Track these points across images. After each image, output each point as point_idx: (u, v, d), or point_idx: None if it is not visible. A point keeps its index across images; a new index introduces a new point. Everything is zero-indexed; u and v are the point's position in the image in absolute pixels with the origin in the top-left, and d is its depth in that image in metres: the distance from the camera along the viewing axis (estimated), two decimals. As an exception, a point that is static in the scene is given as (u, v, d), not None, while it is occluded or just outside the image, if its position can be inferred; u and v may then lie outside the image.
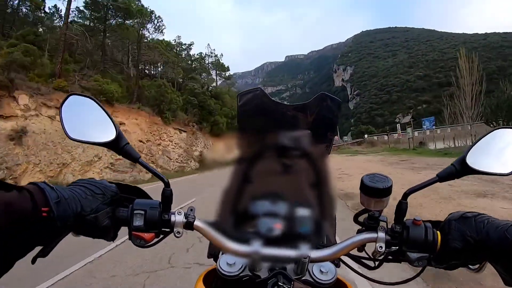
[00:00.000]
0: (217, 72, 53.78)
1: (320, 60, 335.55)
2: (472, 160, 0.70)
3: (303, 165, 0.85)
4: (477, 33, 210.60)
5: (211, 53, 54.50)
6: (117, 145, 0.72)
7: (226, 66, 54.47)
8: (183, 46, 50.88)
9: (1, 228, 0.49)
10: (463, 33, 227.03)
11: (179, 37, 50.10)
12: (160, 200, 0.72)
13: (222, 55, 55.70)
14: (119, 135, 0.73)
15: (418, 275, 0.76)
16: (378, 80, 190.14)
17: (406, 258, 0.71)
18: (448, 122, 37.57)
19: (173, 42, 48.12)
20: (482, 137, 0.73)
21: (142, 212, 0.69)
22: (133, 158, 0.74)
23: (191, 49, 52.17)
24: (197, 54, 53.84)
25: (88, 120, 0.74)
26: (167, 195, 0.71)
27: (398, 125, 39.53)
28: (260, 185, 0.85)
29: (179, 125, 30.76)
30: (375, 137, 64.24)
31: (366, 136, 64.10)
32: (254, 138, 0.88)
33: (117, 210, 0.69)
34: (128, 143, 0.74)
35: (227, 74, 55.31)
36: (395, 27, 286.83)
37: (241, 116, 0.89)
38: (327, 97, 0.85)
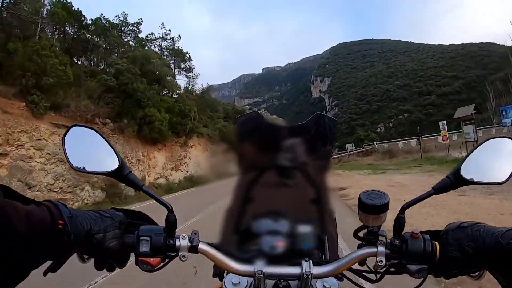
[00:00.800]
0: (175, 61, 37.95)
1: (297, 72, 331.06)
2: (466, 171, 0.70)
3: (303, 183, 0.87)
4: (453, 44, 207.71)
5: (166, 35, 39.30)
6: (121, 174, 0.73)
7: (186, 54, 39.17)
8: (129, 26, 34.96)
9: (22, 236, 0.50)
10: (439, 44, 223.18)
11: (125, 14, 34.91)
12: (164, 226, 0.73)
13: (180, 37, 41.01)
14: (122, 164, 0.73)
15: (418, 286, 0.76)
16: (357, 90, 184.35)
17: (406, 270, 0.71)
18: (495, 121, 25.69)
19: (116, 21, 33.76)
20: (475, 148, 0.73)
21: (148, 238, 0.70)
22: (137, 186, 0.74)
23: (140, 30, 36.82)
24: (147, 36, 38.60)
25: (90, 150, 0.75)
26: (171, 221, 0.72)
27: (443, 123, 26.30)
28: (262, 204, 0.87)
29: (70, 119, 15.88)
30: (385, 145, 50.85)
31: (375, 143, 49.59)
32: (254, 159, 0.90)
33: (124, 236, 0.71)
34: (131, 171, 0.75)
35: (187, 65, 39.09)
36: (372, 39, 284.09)
37: (240, 138, 0.91)
38: (323, 116, 0.87)
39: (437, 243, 0.69)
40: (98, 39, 26.87)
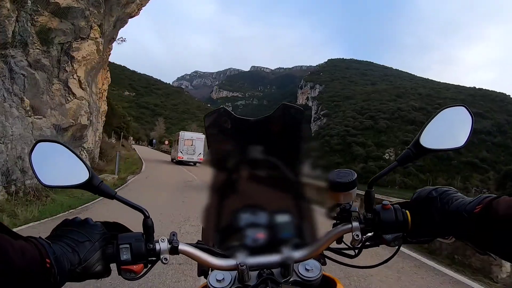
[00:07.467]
0: None
1: (286, 77, 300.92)
2: (426, 140, 0.69)
3: (276, 174, 0.84)
4: (462, 85, 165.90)
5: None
6: (92, 185, 0.68)
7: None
8: None
9: (18, 271, 0.47)
10: (445, 82, 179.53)
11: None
12: (142, 231, 0.69)
13: None
14: (92, 175, 0.68)
15: (395, 253, 0.75)
16: (356, 103, 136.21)
17: (382, 241, 0.70)
18: None
19: None
20: (432, 118, 0.72)
21: (127, 245, 0.66)
22: (109, 195, 0.70)
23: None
24: None
25: (59, 165, 0.69)
26: (149, 226, 0.68)
27: None
28: (239, 199, 0.84)
29: None
30: None
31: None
32: (226, 154, 0.87)
33: (104, 247, 0.66)
34: (102, 181, 0.70)
35: None
36: (372, 62, 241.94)
37: (210, 136, 0.87)
38: (289, 107, 0.83)
39: (407, 212, 0.69)
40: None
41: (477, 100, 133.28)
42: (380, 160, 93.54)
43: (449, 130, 0.71)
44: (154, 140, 64.53)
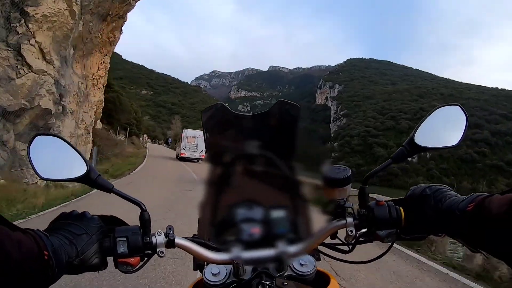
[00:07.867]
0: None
1: (304, 77, 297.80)
2: (420, 139, 0.69)
3: (272, 169, 0.84)
4: (482, 85, 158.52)
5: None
6: (90, 178, 0.68)
7: None
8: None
9: (15, 263, 0.47)
10: (466, 83, 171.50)
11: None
12: (139, 225, 0.69)
13: None
14: (90, 169, 0.68)
15: (388, 249, 0.76)
16: (377, 103, 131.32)
17: (376, 237, 0.70)
18: None
19: None
20: (427, 117, 0.71)
21: (124, 238, 0.66)
22: (107, 188, 0.69)
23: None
24: None
25: (57, 158, 0.69)
26: (145, 219, 0.68)
27: None
28: (234, 194, 0.84)
29: None
30: None
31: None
32: (223, 150, 0.86)
33: (101, 240, 0.67)
34: (100, 175, 0.70)
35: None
36: (392, 62, 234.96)
37: (207, 131, 0.87)
38: (286, 103, 0.83)
39: (401, 208, 0.69)
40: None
41: (500, 101, 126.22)
42: (403, 162, 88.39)
43: (443, 128, 0.71)
44: (169, 139, 62.93)
